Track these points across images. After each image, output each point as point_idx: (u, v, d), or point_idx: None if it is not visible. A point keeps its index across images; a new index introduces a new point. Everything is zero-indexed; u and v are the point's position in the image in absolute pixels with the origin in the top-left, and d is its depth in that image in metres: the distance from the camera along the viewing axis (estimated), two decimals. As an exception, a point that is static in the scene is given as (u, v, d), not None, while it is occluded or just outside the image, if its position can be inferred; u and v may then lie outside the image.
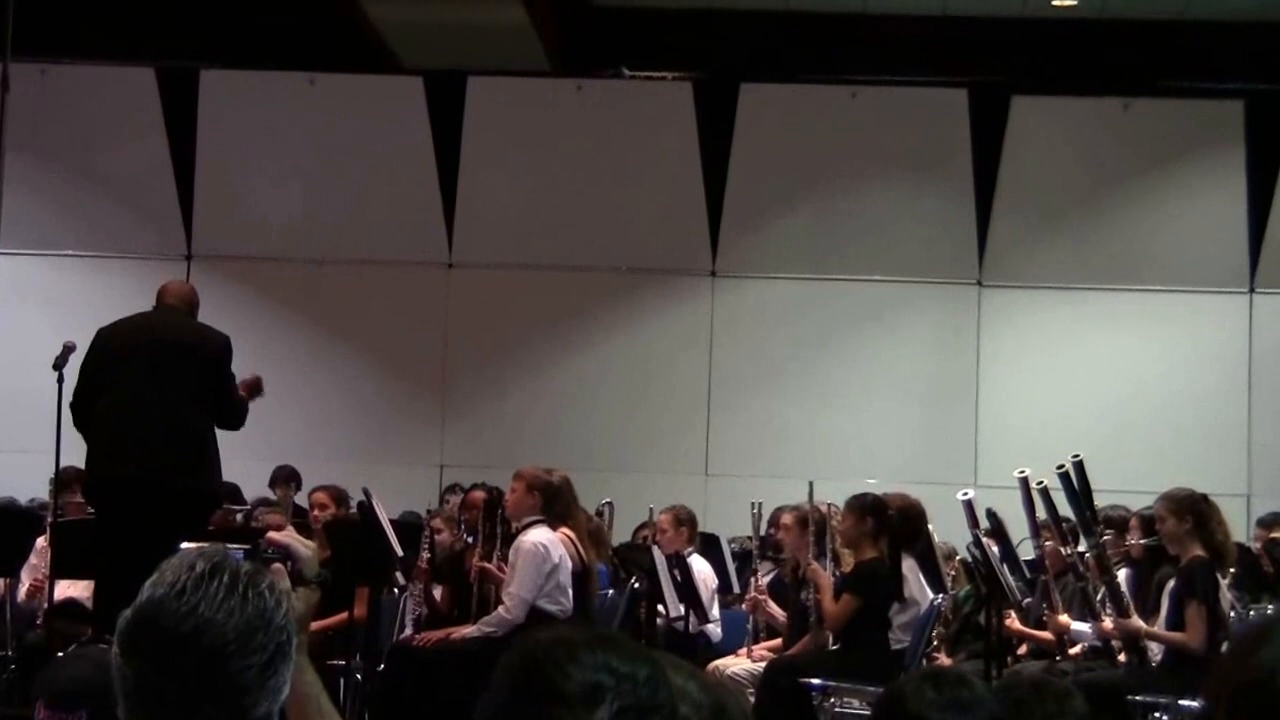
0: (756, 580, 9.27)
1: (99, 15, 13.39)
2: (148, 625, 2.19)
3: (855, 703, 8.07)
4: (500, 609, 8.52)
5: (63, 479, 9.26)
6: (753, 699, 8.17)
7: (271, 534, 2.59)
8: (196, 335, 8.13)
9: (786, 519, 9.00)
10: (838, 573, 8.56)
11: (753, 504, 9.74)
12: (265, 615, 2.21)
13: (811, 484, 8.73)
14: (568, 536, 8.76)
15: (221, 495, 8.61)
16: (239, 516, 10.59)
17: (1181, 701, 7.20)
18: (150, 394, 7.82)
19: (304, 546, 2.63)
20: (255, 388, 8.40)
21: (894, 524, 8.41)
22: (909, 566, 8.56)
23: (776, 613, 9.14)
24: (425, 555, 9.34)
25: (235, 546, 2.42)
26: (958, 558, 9.71)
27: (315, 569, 2.66)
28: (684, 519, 9.99)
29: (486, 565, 9.04)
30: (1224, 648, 7.25)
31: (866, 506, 8.42)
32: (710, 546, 10.22)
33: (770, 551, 10.00)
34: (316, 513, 9.63)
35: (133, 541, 7.22)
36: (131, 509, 7.55)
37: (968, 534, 8.47)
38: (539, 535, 8.58)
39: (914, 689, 2.41)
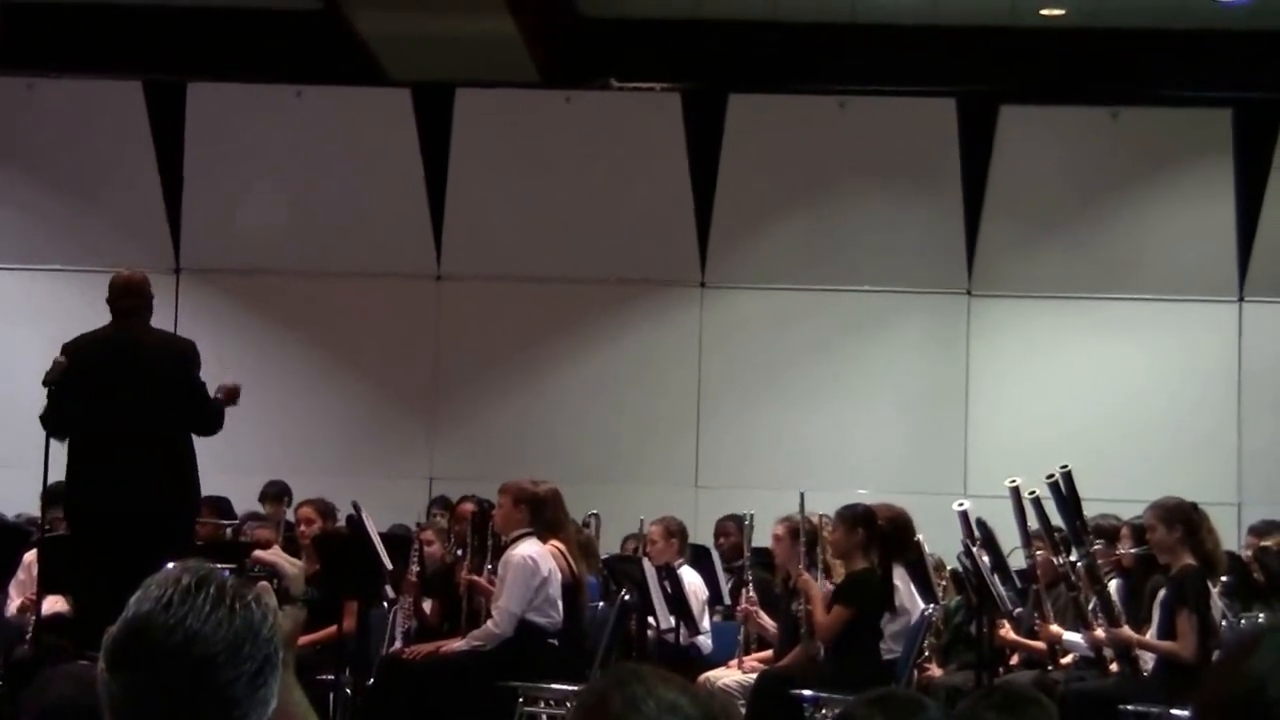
0: (748, 591, 9.24)
1: (85, 29, 13.36)
2: (135, 639, 2.18)
3: (847, 714, 8.03)
4: (489, 622, 8.51)
5: (53, 494, 9.22)
6: (744, 710, 8.16)
7: (258, 552, 2.59)
8: (164, 347, 8.11)
9: (779, 529, 8.99)
10: (828, 584, 8.56)
11: (746, 515, 9.72)
12: (253, 626, 2.21)
13: (803, 495, 8.73)
14: (558, 549, 8.74)
15: (199, 506, 8.56)
16: (228, 531, 10.57)
17: (1173, 710, 7.19)
18: (125, 416, 7.78)
19: (291, 565, 2.62)
20: (233, 395, 8.35)
21: (885, 534, 8.41)
22: (900, 576, 8.56)
23: (767, 624, 9.12)
24: (415, 569, 9.32)
25: (222, 566, 2.41)
26: (948, 568, 9.71)
27: (302, 587, 2.65)
28: (674, 530, 9.97)
29: (476, 578, 9.03)
30: (1215, 656, 7.24)
31: (857, 517, 8.43)
32: (700, 558, 10.20)
33: (725, 561, 10.08)
34: (303, 528, 9.61)
35: (118, 562, 7.20)
36: (117, 534, 7.50)
37: (957, 544, 8.46)
38: (528, 548, 8.57)
39: (863, 715, 2.40)
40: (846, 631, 8.27)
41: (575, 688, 7.78)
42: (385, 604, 9.30)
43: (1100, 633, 7.96)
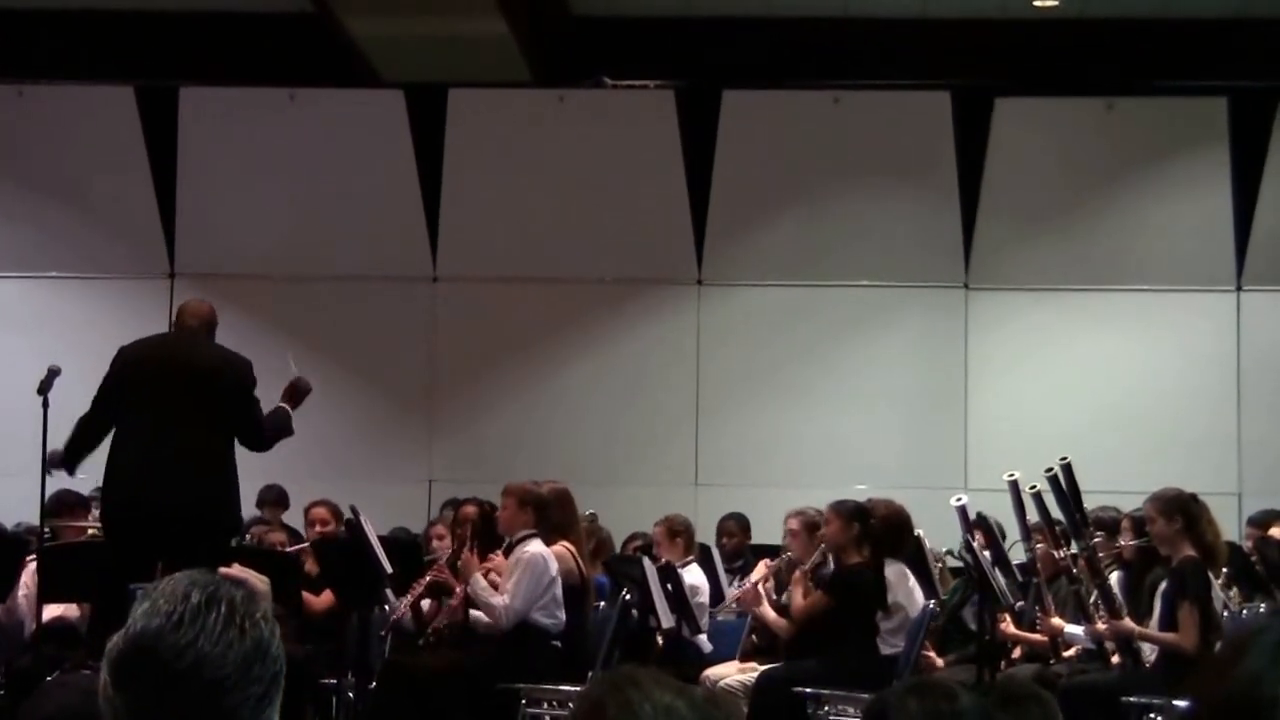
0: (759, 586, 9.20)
1: (76, 35, 13.35)
2: (144, 657, 2.15)
3: (850, 710, 8.05)
4: (499, 606, 8.41)
5: (65, 502, 9.19)
6: (746, 710, 8.16)
7: (223, 569, 2.56)
8: (218, 360, 8.06)
9: (794, 523, 9.01)
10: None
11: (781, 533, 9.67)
12: (262, 646, 2.19)
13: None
14: (568, 549, 8.73)
15: (241, 522, 8.55)
16: (248, 536, 10.48)
17: (1175, 702, 7.19)
18: (170, 423, 7.76)
19: (260, 581, 2.60)
20: (297, 391, 8.34)
21: (876, 531, 8.42)
22: (899, 572, 8.55)
23: (768, 613, 9.00)
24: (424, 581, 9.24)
25: None
26: (943, 550, 9.74)
27: (270, 604, 2.63)
28: (678, 530, 9.95)
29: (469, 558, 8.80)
30: (1217, 648, 7.24)
31: (852, 512, 8.45)
32: (702, 556, 10.19)
33: (727, 561, 10.11)
34: (318, 528, 9.60)
35: (147, 571, 7.16)
36: (151, 540, 7.48)
37: (958, 538, 8.46)
38: (539, 548, 8.55)
39: (896, 702, 2.39)
40: (841, 628, 8.28)
41: (578, 689, 7.76)
42: (386, 608, 9.28)
43: (1101, 625, 7.95)
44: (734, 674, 8.76)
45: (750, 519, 11.19)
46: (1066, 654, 8.45)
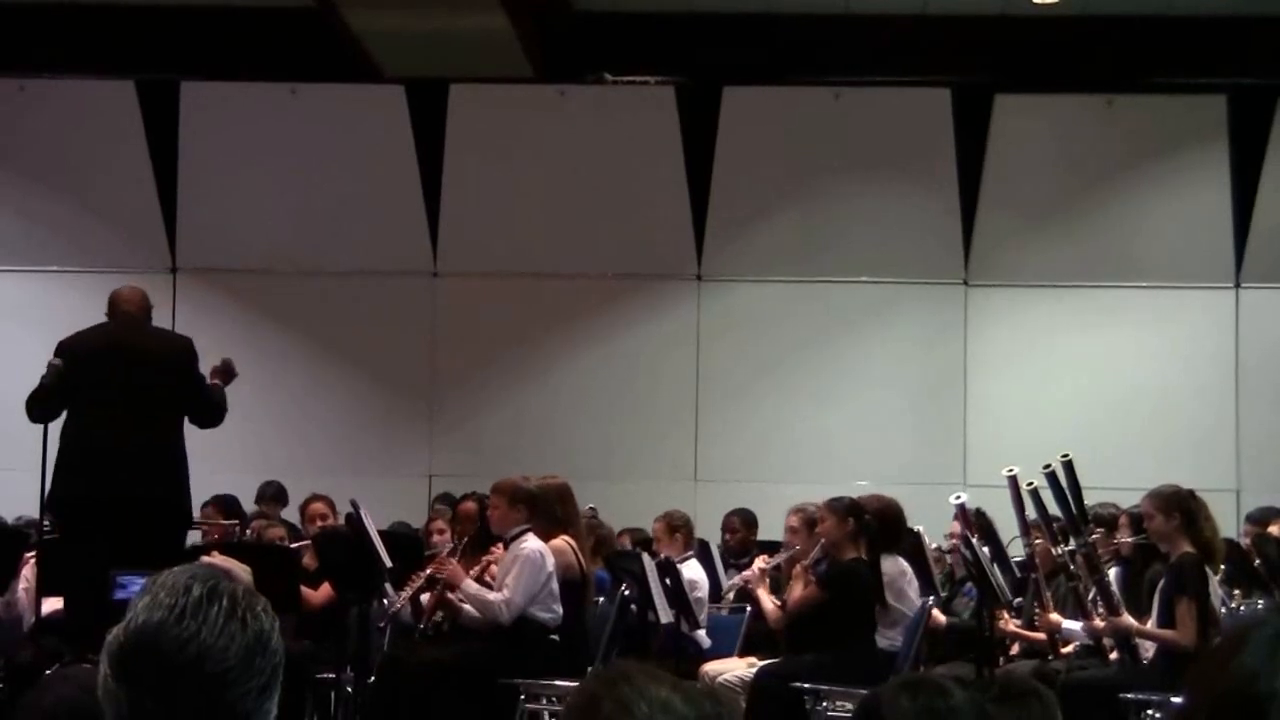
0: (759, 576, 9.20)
1: (77, 29, 13.35)
2: (147, 651, 2.17)
3: (848, 705, 8.06)
4: (499, 604, 8.41)
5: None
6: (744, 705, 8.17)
7: (204, 559, 2.57)
8: (159, 343, 8.14)
9: (794, 520, 9.02)
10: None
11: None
12: (263, 638, 2.20)
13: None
14: (569, 544, 8.73)
15: (190, 509, 8.57)
16: (237, 530, 10.50)
17: (1174, 699, 7.19)
18: (117, 409, 7.81)
19: (243, 570, 2.62)
20: (227, 371, 8.38)
21: (870, 528, 8.43)
22: (897, 567, 8.57)
23: (766, 600, 8.99)
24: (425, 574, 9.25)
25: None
26: (946, 550, 9.75)
27: None
28: (677, 525, 9.96)
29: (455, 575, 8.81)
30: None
31: (847, 508, 8.46)
32: (700, 551, 10.21)
33: (733, 556, 10.09)
34: (319, 523, 9.61)
35: (107, 559, 7.18)
36: (104, 527, 7.50)
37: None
38: (536, 544, 8.56)
39: (889, 698, 2.39)
40: (833, 622, 8.29)
41: (577, 684, 7.74)
42: (385, 602, 9.29)
43: (1099, 621, 7.96)
44: (733, 669, 8.77)
45: (749, 515, 11.21)
46: (1064, 650, 8.46)
